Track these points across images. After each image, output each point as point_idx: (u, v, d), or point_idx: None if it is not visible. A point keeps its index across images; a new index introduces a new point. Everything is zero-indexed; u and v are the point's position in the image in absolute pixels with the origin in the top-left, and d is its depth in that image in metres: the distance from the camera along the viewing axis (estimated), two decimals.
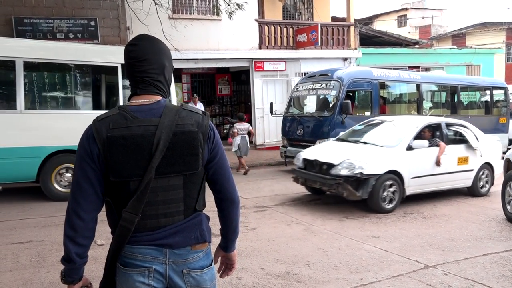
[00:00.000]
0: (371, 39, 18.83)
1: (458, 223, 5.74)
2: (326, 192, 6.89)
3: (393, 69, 11.70)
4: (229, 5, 10.61)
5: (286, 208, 6.56)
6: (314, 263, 4.22)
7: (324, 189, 6.62)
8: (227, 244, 1.75)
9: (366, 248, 4.68)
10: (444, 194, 7.37)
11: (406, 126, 7.10)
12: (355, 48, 15.57)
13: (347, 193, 6.13)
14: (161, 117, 1.49)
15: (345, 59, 15.28)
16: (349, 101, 8.95)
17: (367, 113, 9.63)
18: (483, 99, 12.61)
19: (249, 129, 10.13)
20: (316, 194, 7.34)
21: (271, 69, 14.06)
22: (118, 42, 10.78)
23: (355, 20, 16.19)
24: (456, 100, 11.57)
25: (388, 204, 6.29)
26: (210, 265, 1.61)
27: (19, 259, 4.33)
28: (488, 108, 12.10)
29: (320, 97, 9.97)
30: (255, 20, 13.67)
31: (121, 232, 1.47)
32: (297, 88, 10.51)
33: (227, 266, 1.80)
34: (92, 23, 10.87)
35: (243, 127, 10.01)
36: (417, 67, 17.04)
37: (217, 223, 1.73)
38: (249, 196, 7.36)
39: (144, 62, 1.54)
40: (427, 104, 11.76)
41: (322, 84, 9.64)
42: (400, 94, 11.90)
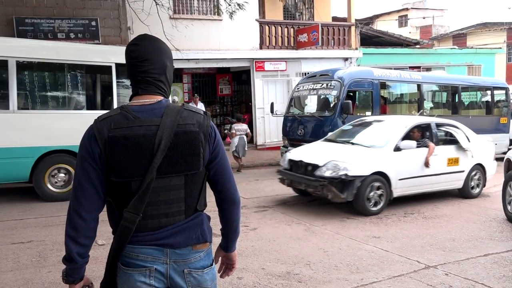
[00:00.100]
0: (372, 39, 18.82)
1: (459, 223, 5.74)
2: (312, 194, 6.71)
3: (394, 69, 11.69)
4: (230, 5, 10.61)
5: (287, 208, 6.56)
6: (315, 263, 4.23)
7: (309, 191, 6.46)
8: (228, 244, 1.75)
9: (367, 248, 4.68)
10: (445, 195, 7.37)
11: (395, 127, 6.93)
12: (356, 48, 15.57)
13: (332, 195, 6.01)
14: (163, 117, 1.49)
15: (346, 59, 15.28)
16: (350, 101, 8.93)
17: (368, 113, 9.61)
18: (484, 99, 12.59)
19: (247, 131, 10.20)
20: (303, 196, 7.17)
21: (272, 69, 14.06)
22: (119, 42, 10.78)
23: (356, 20, 16.20)
24: (457, 100, 11.54)
25: (374, 206, 6.16)
26: (211, 265, 1.62)
27: (20, 259, 4.33)
28: (489, 108, 12.07)
29: (321, 97, 9.95)
30: (256, 20, 13.68)
31: (122, 232, 1.47)
32: (298, 88, 10.49)
33: (228, 266, 1.80)
34: (93, 23, 10.88)
35: (241, 128, 10.15)
36: (418, 67, 17.04)
37: (218, 223, 1.74)
38: (250, 196, 7.36)
39: (146, 62, 1.54)
40: (428, 104, 11.74)
41: (323, 84, 9.63)
42: (401, 94, 11.87)
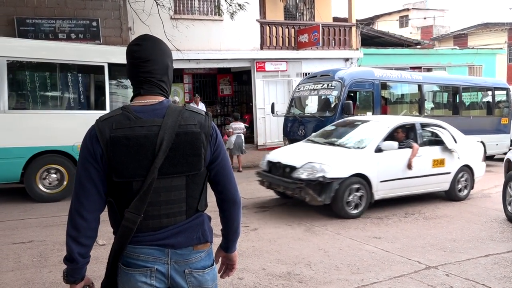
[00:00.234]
0: (373, 40, 18.81)
1: (460, 224, 5.74)
2: (291, 197, 6.49)
3: (395, 70, 11.69)
4: (231, 6, 10.62)
5: (287, 209, 6.55)
6: (316, 264, 4.23)
7: (288, 193, 6.25)
8: (228, 245, 1.75)
9: (368, 249, 4.68)
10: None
11: (378, 127, 6.73)
12: (357, 49, 15.56)
13: (309, 198, 5.83)
14: (164, 118, 1.49)
15: (347, 60, 15.28)
16: (351, 102, 8.93)
17: (369, 114, 9.61)
18: (485, 100, 12.58)
19: (244, 130, 10.29)
20: (285, 198, 6.98)
21: (273, 70, 14.06)
22: (120, 43, 10.80)
23: (357, 21, 16.19)
24: (458, 101, 11.53)
25: (354, 209, 5.98)
26: (212, 265, 1.62)
27: (21, 259, 4.34)
28: (490, 109, 12.05)
29: (322, 98, 9.95)
30: (257, 21, 13.68)
31: (124, 232, 1.48)
32: (299, 89, 10.50)
33: (228, 267, 1.80)
34: (94, 24, 10.89)
35: (239, 126, 10.24)
36: (419, 68, 17.02)
37: (219, 223, 1.74)
38: (251, 197, 7.36)
39: (149, 63, 1.55)
40: (429, 105, 11.73)
41: (324, 85, 9.62)
42: (402, 95, 11.86)
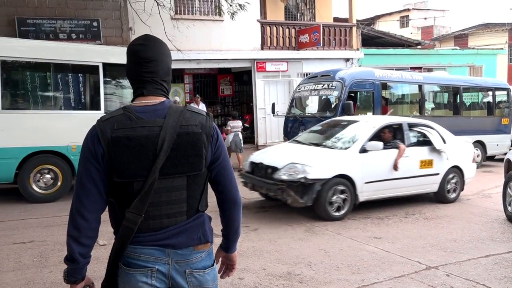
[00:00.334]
0: (373, 40, 18.80)
1: (460, 224, 5.73)
2: (273, 198, 6.34)
3: (395, 70, 11.69)
4: (231, 6, 10.62)
5: (288, 209, 6.54)
6: (316, 264, 4.23)
7: (271, 195, 6.12)
8: (229, 245, 1.75)
9: (368, 249, 4.68)
10: None
11: (364, 127, 6.57)
12: (357, 49, 15.56)
13: (291, 200, 5.72)
14: (166, 118, 1.50)
15: (347, 60, 15.28)
16: (351, 102, 8.93)
17: (369, 114, 9.62)
18: (486, 100, 12.58)
19: (241, 129, 10.40)
20: (270, 200, 6.79)
21: (273, 70, 14.06)
22: (121, 43, 10.81)
23: (357, 21, 16.18)
24: (459, 101, 11.53)
25: (338, 211, 5.86)
26: (212, 265, 1.62)
27: (22, 259, 4.34)
28: (491, 109, 12.05)
29: (322, 98, 9.95)
30: (257, 21, 13.68)
31: (124, 233, 1.48)
32: (299, 89, 10.50)
33: (228, 267, 1.80)
34: (95, 24, 10.90)
35: (237, 125, 10.36)
36: (419, 68, 17.01)
37: (219, 223, 1.74)
38: (251, 197, 7.36)
39: (154, 63, 1.55)
40: (430, 105, 11.73)
41: (324, 85, 9.63)
42: (402, 95, 11.87)
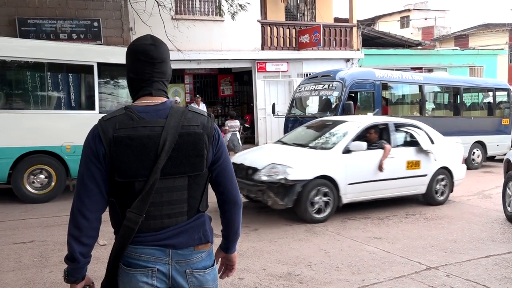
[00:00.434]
0: (374, 40, 18.81)
1: (460, 225, 5.73)
2: (255, 200, 6.17)
3: (396, 70, 11.69)
4: (232, 6, 10.63)
5: (288, 209, 6.53)
6: (316, 264, 4.23)
7: (252, 196, 5.96)
8: (228, 246, 1.75)
9: (368, 249, 4.68)
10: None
11: (349, 127, 6.42)
12: (358, 49, 15.56)
13: (271, 201, 5.58)
14: (167, 118, 1.50)
15: (348, 60, 15.28)
16: (352, 102, 8.93)
17: (370, 114, 9.62)
18: (486, 101, 12.59)
19: (239, 128, 10.51)
20: (253, 202, 6.51)
21: (274, 70, 14.07)
22: (121, 43, 10.81)
23: (358, 21, 16.19)
24: (459, 102, 11.53)
25: (319, 213, 5.71)
26: (213, 266, 1.62)
27: (22, 259, 4.34)
28: (491, 110, 12.06)
29: (323, 98, 9.95)
30: (258, 21, 13.69)
31: (125, 232, 1.48)
32: (300, 89, 10.50)
33: (228, 267, 1.80)
34: (95, 24, 10.91)
35: (234, 124, 10.50)
36: (420, 68, 17.02)
37: (219, 224, 1.74)
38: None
39: (163, 64, 1.57)
40: (430, 105, 11.73)
41: (325, 85, 9.63)
42: (403, 95, 11.86)
